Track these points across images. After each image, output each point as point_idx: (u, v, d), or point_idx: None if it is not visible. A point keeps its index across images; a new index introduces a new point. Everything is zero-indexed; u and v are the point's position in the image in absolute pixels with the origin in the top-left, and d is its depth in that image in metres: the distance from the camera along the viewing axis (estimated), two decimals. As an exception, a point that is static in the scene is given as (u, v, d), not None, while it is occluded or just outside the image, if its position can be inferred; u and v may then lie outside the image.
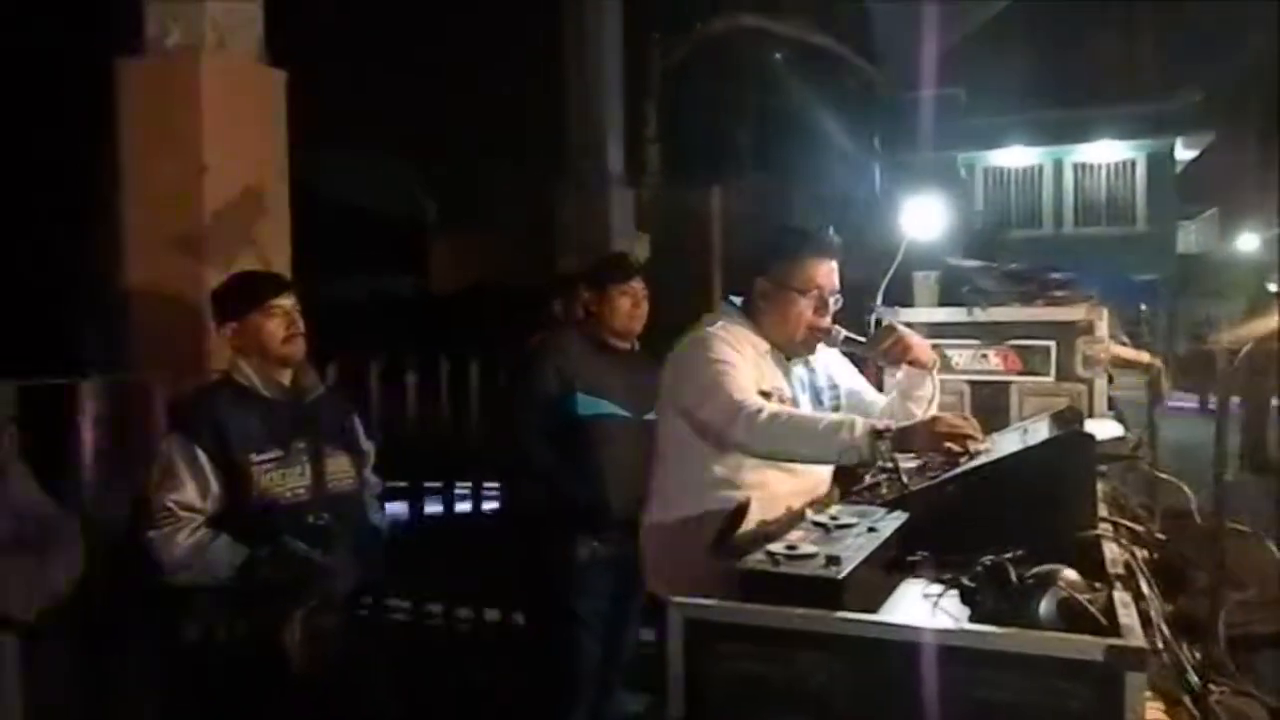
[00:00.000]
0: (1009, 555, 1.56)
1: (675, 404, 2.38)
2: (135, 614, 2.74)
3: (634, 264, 3.50)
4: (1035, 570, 1.51)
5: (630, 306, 3.41)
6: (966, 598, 1.56)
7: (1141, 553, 2.21)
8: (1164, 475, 2.90)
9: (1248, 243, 19.35)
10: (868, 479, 2.56)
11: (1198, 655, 1.90)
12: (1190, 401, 12.60)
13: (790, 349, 2.51)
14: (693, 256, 6.38)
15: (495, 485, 4.05)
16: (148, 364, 3.66)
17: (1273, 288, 14.23)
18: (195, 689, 2.49)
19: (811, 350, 2.57)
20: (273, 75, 4.77)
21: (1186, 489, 3.08)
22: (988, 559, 1.57)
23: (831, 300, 2.48)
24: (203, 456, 2.41)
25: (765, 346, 2.46)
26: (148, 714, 3.02)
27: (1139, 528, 2.29)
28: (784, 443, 2.18)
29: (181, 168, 4.32)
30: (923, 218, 3.13)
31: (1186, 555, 2.70)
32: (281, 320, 2.55)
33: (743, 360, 2.34)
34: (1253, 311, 11.60)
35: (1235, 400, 6.95)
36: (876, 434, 2.15)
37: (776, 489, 2.37)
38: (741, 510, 2.28)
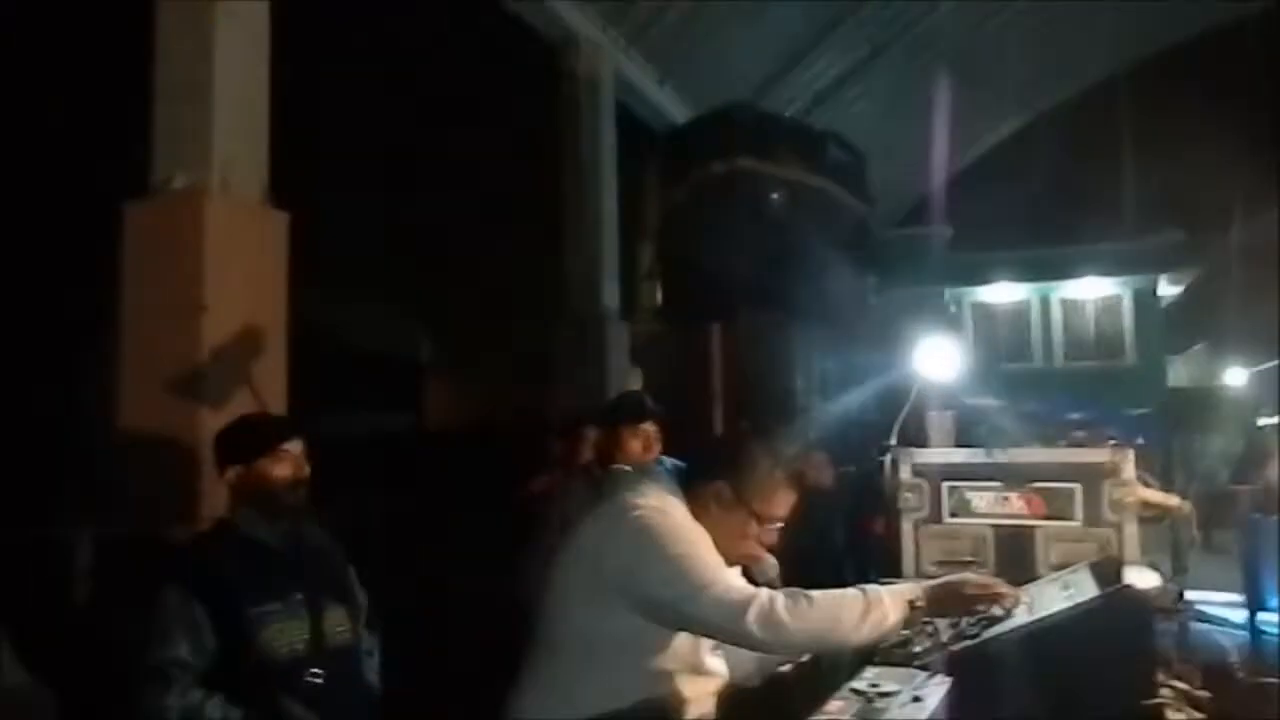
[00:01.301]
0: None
1: (630, 594, 2.00)
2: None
3: (648, 404, 3.41)
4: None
5: (642, 450, 3.31)
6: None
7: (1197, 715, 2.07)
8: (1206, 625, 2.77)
9: (1236, 376, 19.49)
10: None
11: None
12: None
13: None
14: (691, 394, 6.31)
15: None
16: (141, 512, 3.52)
17: (1261, 422, 14.24)
18: None
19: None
20: (275, 217, 4.78)
21: (1228, 643, 2.94)
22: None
23: (776, 530, 2.22)
24: (199, 610, 2.24)
25: None
26: None
27: (1189, 688, 2.15)
28: (806, 633, 1.89)
29: (181, 309, 4.28)
30: (936, 357, 3.08)
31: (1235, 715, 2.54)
32: (290, 465, 2.42)
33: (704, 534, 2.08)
34: (1250, 446, 11.56)
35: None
36: (909, 606, 1.94)
37: (687, 691, 2.09)
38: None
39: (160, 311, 4.29)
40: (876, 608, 1.90)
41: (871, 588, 1.96)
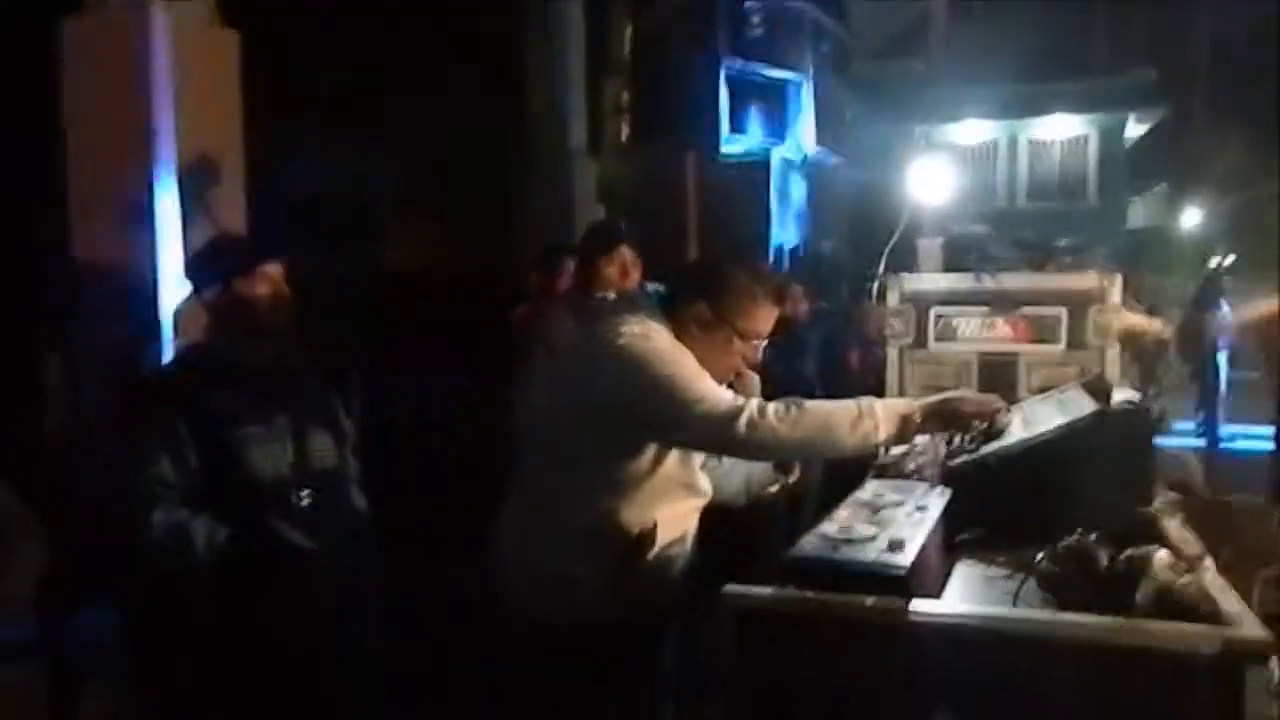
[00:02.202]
0: (1091, 537, 1.43)
1: (619, 418, 2.00)
2: (106, 607, 2.51)
3: (621, 231, 3.32)
4: (1127, 554, 1.38)
5: (619, 276, 3.24)
6: (1047, 583, 1.43)
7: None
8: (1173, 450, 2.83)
9: (1192, 218, 19.70)
10: (884, 453, 2.45)
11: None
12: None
13: None
14: (663, 226, 6.18)
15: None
16: (100, 336, 3.42)
17: (1213, 262, 14.48)
18: (174, 681, 2.29)
19: None
20: (226, 35, 4.51)
21: (1193, 461, 3.01)
22: (1069, 541, 1.44)
23: (761, 347, 2.19)
24: (182, 430, 2.18)
25: None
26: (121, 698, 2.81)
27: (1179, 498, 2.19)
28: (795, 439, 1.87)
29: (129, 130, 4.06)
30: (929, 181, 3.00)
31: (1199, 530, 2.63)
32: (269, 286, 2.31)
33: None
34: (1203, 286, 11.82)
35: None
36: (902, 420, 1.90)
37: (677, 507, 2.12)
38: (649, 534, 2.03)
39: (107, 135, 4.07)
40: (868, 417, 1.87)
41: (866, 399, 1.94)
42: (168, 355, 2.98)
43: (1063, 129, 16.38)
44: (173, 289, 3.58)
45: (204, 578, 2.19)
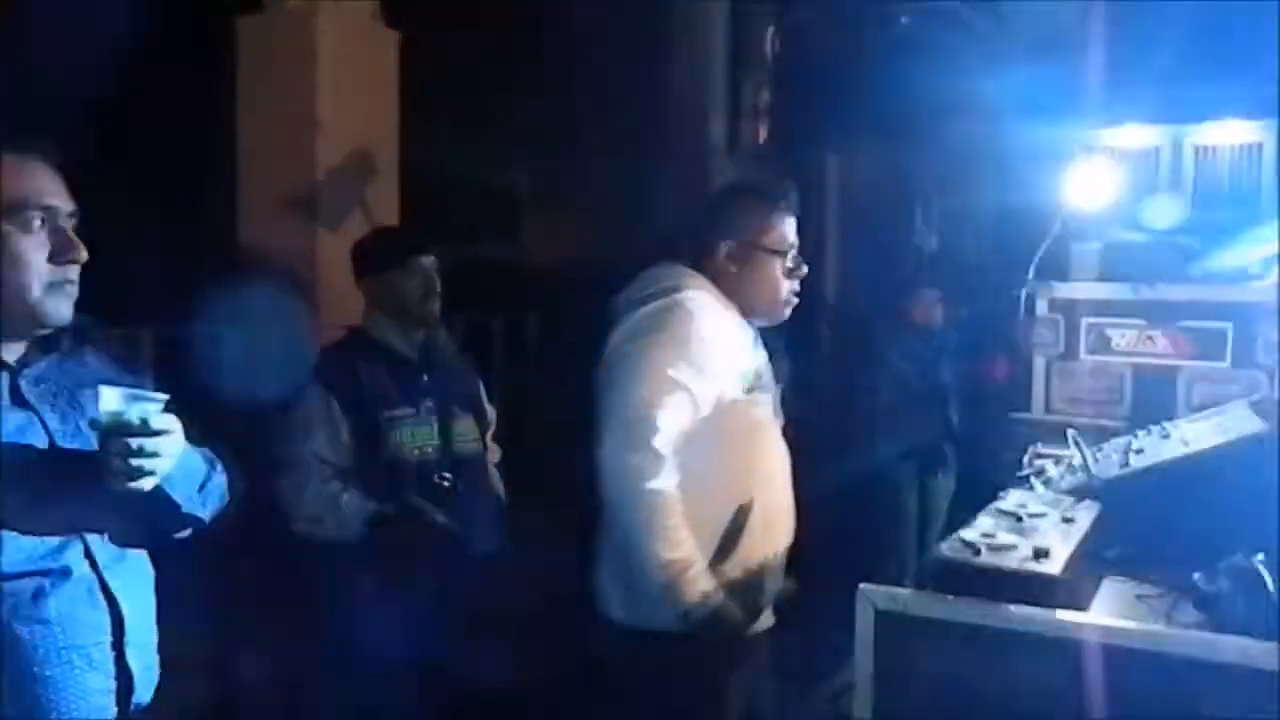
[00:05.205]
0: (1258, 557, 1.36)
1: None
2: (257, 566, 2.68)
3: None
4: (1298, 577, 1.31)
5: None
6: (1205, 604, 1.36)
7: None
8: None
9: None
10: (1030, 464, 2.37)
11: None
12: None
13: (770, 315, 2.13)
14: (806, 228, 6.08)
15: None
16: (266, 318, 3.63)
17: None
18: (316, 641, 2.43)
19: (784, 317, 2.16)
20: (387, 35, 4.70)
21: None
22: (1232, 561, 1.37)
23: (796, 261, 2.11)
24: (337, 408, 2.35)
25: (738, 318, 2.08)
26: (265, 663, 2.99)
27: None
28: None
29: (294, 125, 4.29)
30: (1085, 184, 2.89)
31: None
32: (421, 279, 2.47)
33: (700, 375, 1.94)
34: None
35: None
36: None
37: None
38: (745, 510, 1.94)
39: (274, 127, 4.31)
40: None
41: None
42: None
43: (1234, 135, 15.46)
44: (331, 276, 3.77)
45: (350, 548, 2.32)
